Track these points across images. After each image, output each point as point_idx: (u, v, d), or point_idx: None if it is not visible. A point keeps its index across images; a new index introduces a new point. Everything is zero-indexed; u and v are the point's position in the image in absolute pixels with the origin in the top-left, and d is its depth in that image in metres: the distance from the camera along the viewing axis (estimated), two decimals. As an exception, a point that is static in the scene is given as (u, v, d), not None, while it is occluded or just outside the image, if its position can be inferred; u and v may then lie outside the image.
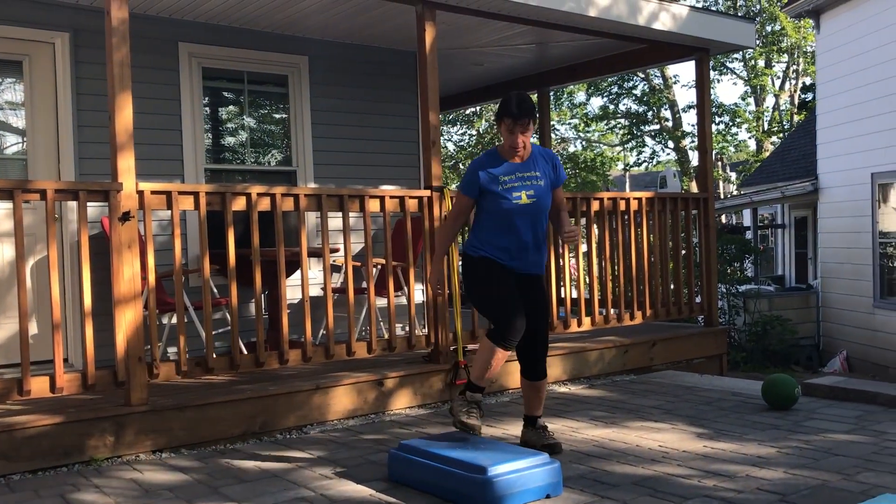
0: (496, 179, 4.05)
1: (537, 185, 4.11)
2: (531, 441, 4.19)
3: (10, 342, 5.51)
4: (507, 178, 4.06)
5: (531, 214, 4.08)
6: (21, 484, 3.89)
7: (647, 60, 7.86)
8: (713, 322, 7.30)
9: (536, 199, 4.08)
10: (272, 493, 3.63)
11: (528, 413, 4.31)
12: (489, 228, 4.11)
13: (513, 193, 4.04)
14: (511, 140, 4.02)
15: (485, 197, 4.09)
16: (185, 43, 6.43)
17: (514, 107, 3.97)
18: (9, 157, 5.96)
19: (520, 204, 4.04)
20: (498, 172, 4.07)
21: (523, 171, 4.10)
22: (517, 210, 4.04)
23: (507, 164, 4.10)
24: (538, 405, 4.28)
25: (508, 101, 4.02)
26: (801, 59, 25.18)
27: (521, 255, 4.10)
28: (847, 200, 12.30)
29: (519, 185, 4.07)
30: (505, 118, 3.99)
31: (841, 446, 4.14)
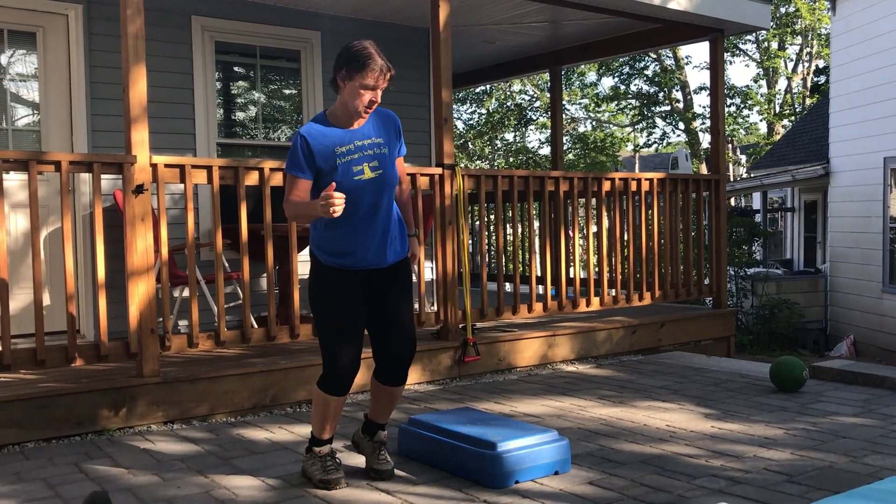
0: (332, 152, 3.26)
1: (381, 153, 3.33)
2: (364, 452, 3.58)
3: (24, 313, 5.57)
4: (345, 150, 3.27)
5: (377, 191, 3.30)
6: (36, 452, 3.94)
7: (661, 40, 7.81)
8: (722, 304, 7.31)
9: (382, 170, 3.31)
10: (283, 465, 3.67)
11: (372, 418, 3.58)
12: (322, 219, 3.29)
13: (353, 168, 3.26)
14: (362, 101, 3.24)
15: (320, 178, 3.28)
16: (198, 16, 6.42)
17: (378, 55, 3.24)
18: (22, 130, 5.98)
19: (362, 180, 3.26)
20: (332, 143, 3.26)
21: (363, 139, 3.32)
22: (360, 188, 3.25)
23: (342, 132, 3.30)
24: (386, 412, 3.56)
25: (365, 50, 3.24)
26: (815, 41, 24.94)
27: (370, 245, 3.33)
28: (858, 185, 12.24)
29: (359, 156, 3.29)
30: (365, 70, 3.21)
31: (848, 429, 4.16)
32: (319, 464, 3.42)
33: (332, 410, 3.39)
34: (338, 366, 3.32)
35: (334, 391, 3.36)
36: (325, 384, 3.37)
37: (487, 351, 5.66)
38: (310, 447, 3.47)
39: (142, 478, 3.52)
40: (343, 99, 3.30)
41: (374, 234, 3.33)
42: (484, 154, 28.61)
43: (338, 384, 3.35)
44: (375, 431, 3.57)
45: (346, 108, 3.30)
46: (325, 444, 3.45)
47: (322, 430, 3.43)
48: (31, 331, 4.74)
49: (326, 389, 3.37)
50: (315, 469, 3.41)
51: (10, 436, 4.01)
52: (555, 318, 6.56)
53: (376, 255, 3.36)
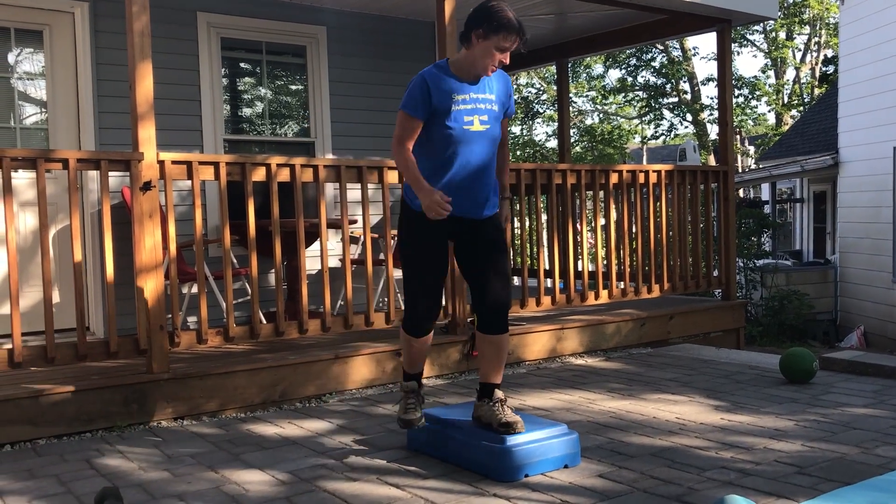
0: (449, 97, 3.38)
1: (491, 109, 3.48)
2: (484, 416, 3.50)
3: (34, 310, 5.59)
4: (461, 98, 3.40)
5: (481, 145, 3.45)
6: (47, 448, 3.96)
7: (668, 31, 7.77)
8: (731, 296, 7.28)
9: (490, 125, 3.47)
10: (293, 461, 3.68)
11: (483, 379, 3.61)
12: (428, 163, 3.44)
13: (464, 118, 3.39)
14: (488, 60, 3.36)
15: (432, 121, 3.40)
16: (203, 13, 6.43)
17: (517, 21, 3.33)
18: (30, 128, 5.99)
19: (470, 131, 3.39)
20: (450, 89, 3.38)
21: (478, 93, 3.44)
22: (466, 138, 3.40)
23: (461, 83, 3.42)
24: (495, 370, 3.59)
25: (505, 14, 3.32)
26: (824, 30, 24.81)
27: (467, 195, 3.46)
28: (868, 175, 12.17)
29: (471, 107, 3.41)
30: (503, 32, 3.31)
31: (859, 420, 4.14)
32: (403, 401, 3.69)
33: (415, 349, 3.69)
34: (417, 311, 3.59)
35: (415, 333, 3.64)
36: (407, 326, 3.65)
37: (496, 345, 5.64)
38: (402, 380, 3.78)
39: (152, 473, 3.54)
40: (472, 55, 3.39)
41: (471, 184, 3.47)
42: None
43: (417, 327, 3.62)
44: (492, 392, 3.54)
45: (472, 63, 3.40)
46: (412, 378, 3.74)
47: (409, 366, 3.74)
48: (40, 328, 4.75)
49: (408, 331, 3.65)
50: (399, 405, 3.72)
51: (22, 433, 4.03)
52: (563, 311, 6.56)
53: (472, 204, 3.50)
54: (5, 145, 5.80)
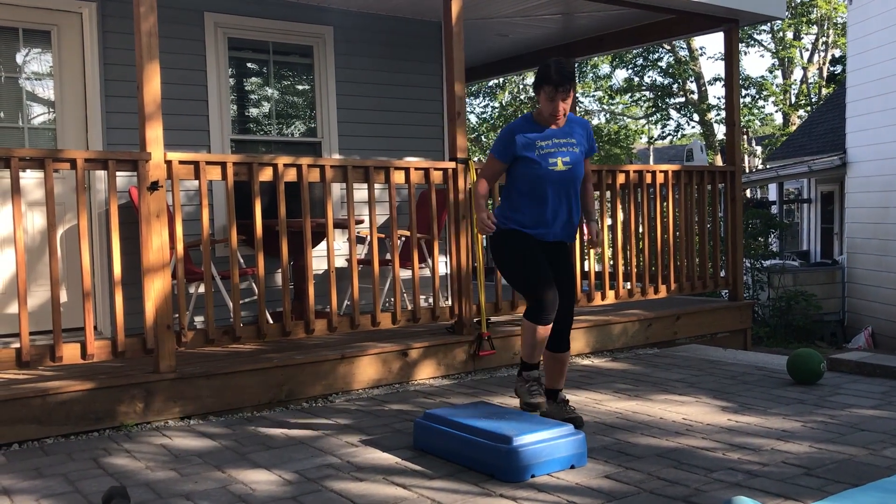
0: (532, 144, 3.98)
1: (573, 151, 4.04)
2: (553, 414, 4.10)
3: (42, 309, 5.61)
4: (545, 144, 3.99)
5: (566, 182, 4.00)
6: (54, 447, 3.97)
7: (675, 31, 7.76)
8: (738, 296, 7.26)
9: (572, 165, 4.01)
10: (299, 460, 3.68)
11: (549, 386, 4.23)
12: (520, 197, 4.03)
13: (549, 160, 3.97)
14: (551, 108, 3.94)
15: (518, 163, 4.00)
16: (211, 13, 6.44)
17: (555, 73, 3.88)
18: (38, 128, 6.02)
19: (555, 171, 3.96)
20: (535, 137, 4.00)
21: (560, 137, 4.03)
22: (552, 177, 3.96)
23: (544, 130, 4.03)
24: (560, 378, 4.23)
25: (548, 68, 3.92)
26: (831, 30, 24.73)
27: (553, 224, 4.03)
28: (876, 175, 12.12)
29: (555, 150, 3.99)
30: (545, 85, 3.91)
31: (867, 421, 4.12)
32: (526, 387, 3.99)
33: (538, 339, 3.97)
34: (543, 300, 3.90)
35: (541, 321, 3.93)
36: (533, 315, 3.94)
37: (502, 345, 5.65)
38: (520, 371, 4.07)
39: (159, 473, 3.54)
40: (541, 106, 4.01)
41: (556, 216, 4.02)
42: (497, 148, 28.55)
43: (543, 315, 3.92)
44: (557, 395, 4.19)
45: (543, 113, 4.01)
46: (534, 368, 4.02)
47: (531, 356, 4.01)
48: (48, 328, 4.78)
49: (533, 320, 3.93)
50: (523, 391, 4.01)
51: (30, 432, 4.05)
52: (570, 311, 6.54)
53: (562, 231, 4.06)
54: (13, 145, 5.82)
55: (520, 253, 4.01)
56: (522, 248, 4.01)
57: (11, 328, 5.56)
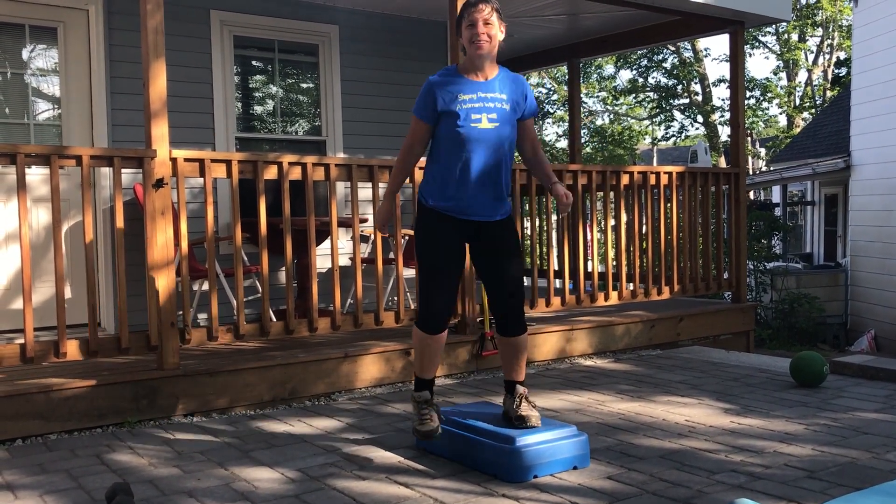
0: (455, 98, 3.46)
1: (501, 108, 3.50)
2: (507, 409, 3.67)
3: (46, 305, 5.62)
4: (468, 98, 3.46)
5: (492, 143, 3.47)
6: (58, 444, 3.98)
7: (680, 33, 7.76)
8: (741, 298, 7.26)
9: (499, 124, 3.48)
10: (302, 458, 3.69)
11: (505, 377, 3.76)
12: (441, 162, 3.52)
13: (471, 115, 3.45)
14: (471, 34, 3.43)
15: (441, 122, 3.49)
16: (217, 11, 6.45)
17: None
18: (43, 124, 6.03)
19: (479, 128, 3.43)
20: (456, 90, 3.47)
21: (486, 91, 3.49)
22: (476, 136, 3.43)
23: (469, 82, 3.50)
24: (515, 368, 3.71)
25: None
26: (837, 33, 24.70)
27: (477, 196, 3.50)
28: (880, 178, 12.11)
29: (480, 106, 3.46)
30: (465, 10, 3.46)
31: (870, 425, 4.12)
32: (417, 412, 3.60)
33: (429, 349, 3.60)
34: (431, 306, 3.55)
35: (429, 330, 3.57)
36: (421, 323, 3.59)
37: (505, 345, 5.65)
38: (415, 387, 3.68)
39: (163, 469, 3.55)
40: (466, 48, 3.51)
41: (481, 185, 3.51)
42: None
43: (431, 324, 3.57)
44: (514, 388, 3.68)
45: (469, 56, 3.51)
46: (425, 387, 3.64)
47: (422, 369, 3.64)
48: (52, 324, 4.79)
49: (422, 328, 3.58)
50: (414, 416, 3.62)
51: (34, 427, 4.06)
52: (573, 312, 6.55)
53: (482, 206, 3.54)
54: (19, 141, 5.84)
55: (432, 240, 3.56)
56: (432, 238, 3.56)
57: (16, 324, 5.57)
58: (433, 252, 3.57)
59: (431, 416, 3.57)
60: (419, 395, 3.63)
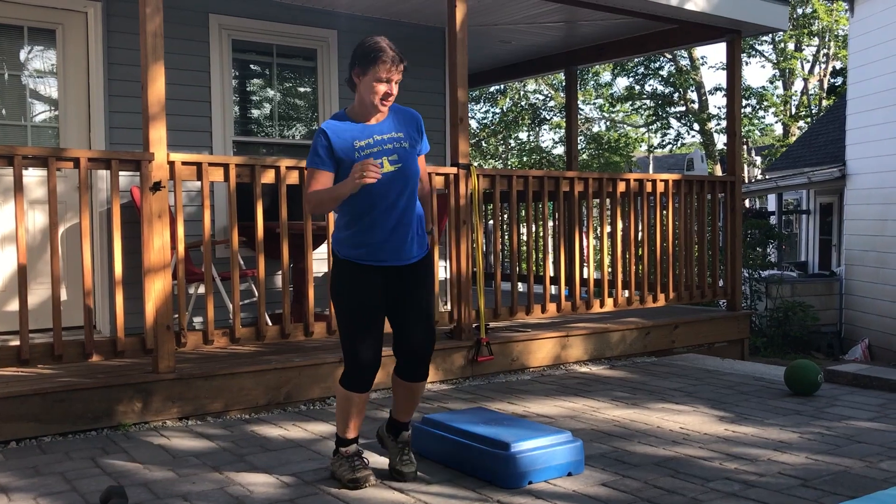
0: (350, 146, 3.26)
1: (401, 147, 3.33)
2: (388, 450, 3.59)
3: (41, 308, 5.61)
4: (364, 143, 3.28)
5: (396, 185, 3.28)
6: (52, 446, 3.97)
7: (677, 41, 7.79)
8: (736, 306, 7.28)
9: (402, 164, 3.31)
10: (297, 463, 3.69)
11: (396, 417, 3.58)
12: (348, 212, 3.30)
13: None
14: (374, 92, 3.25)
15: (340, 172, 3.27)
16: (215, 14, 6.45)
17: (390, 48, 3.26)
18: (41, 125, 6.02)
19: (382, 173, 3.19)
20: (351, 137, 3.28)
21: (381, 133, 3.33)
22: (379, 181, 3.18)
23: (361, 126, 3.32)
24: (409, 411, 3.55)
25: (376, 44, 3.25)
26: (833, 42, 24.80)
27: (391, 241, 3.31)
28: (875, 188, 12.16)
29: (378, 150, 3.28)
30: (377, 64, 3.23)
31: (864, 433, 4.14)
32: (347, 464, 3.39)
33: (355, 408, 3.37)
34: (358, 361, 3.30)
35: (356, 388, 3.34)
36: (347, 381, 3.35)
37: (501, 351, 5.66)
38: (336, 448, 3.47)
39: (157, 473, 3.55)
40: (360, 95, 3.32)
41: (393, 229, 3.30)
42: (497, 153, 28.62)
43: (359, 381, 3.33)
44: (399, 432, 3.56)
45: (363, 103, 3.33)
46: (351, 443, 3.43)
47: (346, 429, 3.41)
48: (48, 326, 4.78)
49: (348, 386, 3.35)
50: (343, 469, 3.39)
51: (28, 430, 4.05)
52: (568, 318, 6.56)
53: (395, 250, 3.33)
54: (16, 143, 5.83)
55: (350, 297, 3.32)
56: (353, 292, 3.32)
57: (11, 326, 5.55)
58: (355, 306, 3.31)
59: (364, 463, 3.41)
60: (346, 449, 3.41)
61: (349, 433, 3.41)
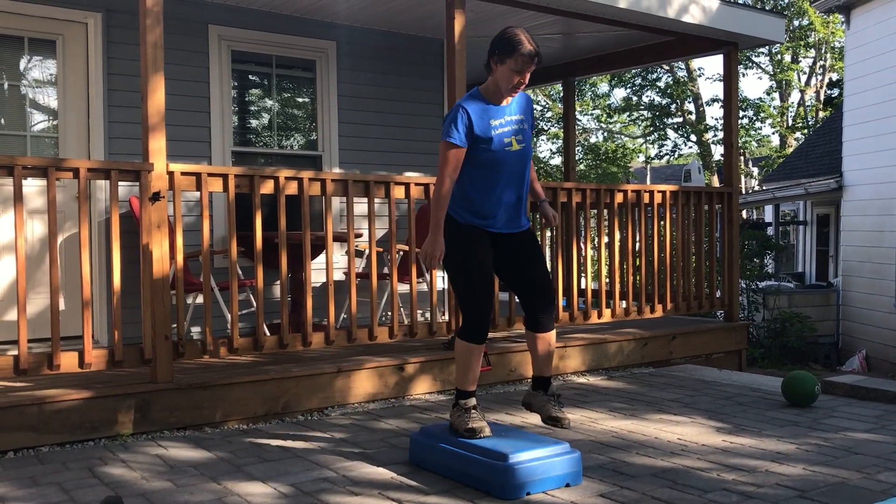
0: (487, 122, 3.62)
1: (523, 128, 3.72)
2: (536, 407, 3.90)
3: (39, 317, 5.60)
4: (499, 122, 3.64)
5: (520, 163, 3.70)
6: (49, 456, 3.97)
7: (674, 53, 7.83)
8: (733, 317, 7.29)
9: (524, 143, 3.71)
10: (295, 473, 3.69)
11: (536, 374, 3.94)
12: (473, 184, 3.66)
13: (503, 139, 3.63)
14: (511, 80, 3.60)
15: (473, 146, 3.62)
16: (215, 25, 6.49)
17: (528, 43, 3.58)
18: (40, 135, 6.04)
19: (511, 151, 3.63)
20: (487, 115, 3.63)
21: (511, 115, 3.69)
22: (508, 158, 3.63)
23: (496, 107, 3.67)
24: (547, 364, 3.89)
25: (517, 37, 3.59)
26: (829, 54, 24.91)
27: (510, 212, 3.72)
28: (872, 199, 12.20)
29: (509, 129, 3.65)
30: (516, 56, 3.55)
31: (861, 445, 4.14)
32: (467, 415, 3.67)
33: (475, 359, 3.75)
34: (478, 315, 3.68)
35: (478, 339, 3.72)
36: (469, 334, 3.72)
37: (499, 361, 5.67)
38: (456, 401, 3.76)
39: (155, 483, 3.54)
40: (495, 79, 3.66)
41: (511, 200, 3.71)
42: (495, 164, 28.64)
43: (481, 332, 3.71)
44: (547, 386, 3.91)
45: (497, 87, 3.66)
46: (471, 396, 3.76)
47: (466, 381, 3.76)
48: (46, 335, 4.78)
49: (470, 339, 3.72)
50: (463, 419, 3.65)
51: (25, 439, 4.04)
52: (566, 329, 6.56)
53: (511, 219, 3.75)
54: (15, 152, 5.84)
55: (470, 259, 3.69)
56: (473, 255, 3.69)
57: (9, 335, 5.55)
58: (473, 263, 3.69)
59: (481, 416, 3.69)
60: (467, 401, 3.73)
61: (469, 385, 3.77)
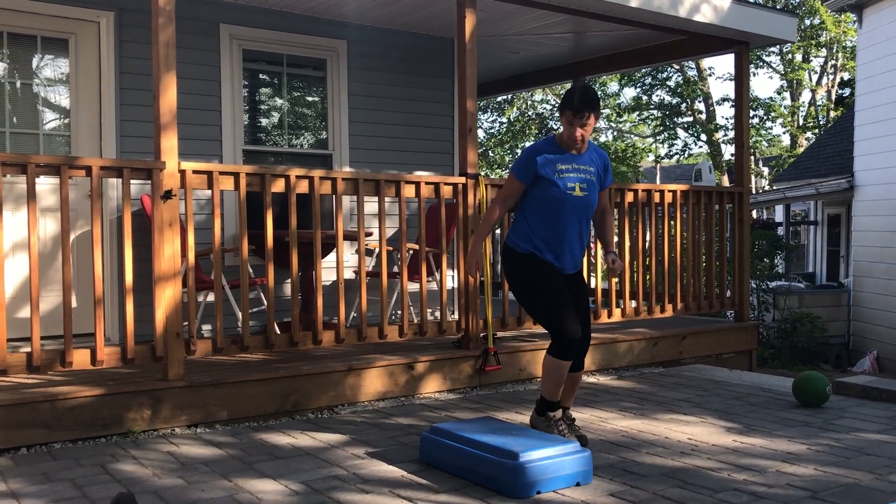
0: (553, 166, 3.99)
1: (590, 179, 4.07)
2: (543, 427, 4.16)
3: (52, 315, 5.64)
4: (565, 168, 4.01)
5: (581, 208, 4.03)
6: (62, 453, 4.00)
7: (685, 52, 7.81)
8: (744, 317, 7.27)
9: (588, 192, 4.05)
10: (306, 471, 3.70)
11: (561, 403, 4.26)
12: (536, 220, 4.04)
13: (567, 183, 3.99)
14: (570, 132, 3.98)
15: (537, 184, 4.01)
16: (226, 24, 6.51)
17: (577, 100, 3.93)
18: (52, 134, 6.07)
19: (573, 195, 3.99)
20: (555, 159, 4.01)
21: (580, 164, 4.05)
22: (569, 201, 3.98)
23: (566, 155, 4.05)
24: (571, 396, 4.26)
25: (572, 93, 3.97)
26: (840, 53, 24.78)
27: (567, 250, 4.05)
28: (883, 199, 12.13)
29: (574, 175, 4.02)
30: (566, 110, 3.95)
31: (873, 446, 4.13)
32: (555, 427, 4.04)
33: (563, 374, 4.01)
34: (568, 333, 3.92)
35: (567, 356, 3.98)
36: (559, 352, 3.97)
37: (508, 360, 5.67)
38: (542, 410, 4.12)
39: (167, 480, 3.56)
40: (563, 130, 4.05)
41: (571, 242, 4.05)
42: (504, 163, 28.63)
43: (568, 349, 3.95)
44: (566, 413, 4.24)
45: (564, 137, 4.04)
46: (558, 407, 4.12)
47: (555, 393, 4.06)
48: (58, 333, 4.81)
49: (560, 356, 3.98)
50: (549, 429, 4.01)
51: (38, 436, 4.07)
52: (576, 328, 6.55)
53: (570, 260, 4.08)
54: (27, 150, 5.88)
55: (542, 281, 4.00)
56: (544, 276, 4.01)
57: (23, 332, 5.58)
58: (549, 284, 3.99)
59: (569, 428, 4.08)
60: (554, 413, 4.09)
61: (555, 396, 4.08)
